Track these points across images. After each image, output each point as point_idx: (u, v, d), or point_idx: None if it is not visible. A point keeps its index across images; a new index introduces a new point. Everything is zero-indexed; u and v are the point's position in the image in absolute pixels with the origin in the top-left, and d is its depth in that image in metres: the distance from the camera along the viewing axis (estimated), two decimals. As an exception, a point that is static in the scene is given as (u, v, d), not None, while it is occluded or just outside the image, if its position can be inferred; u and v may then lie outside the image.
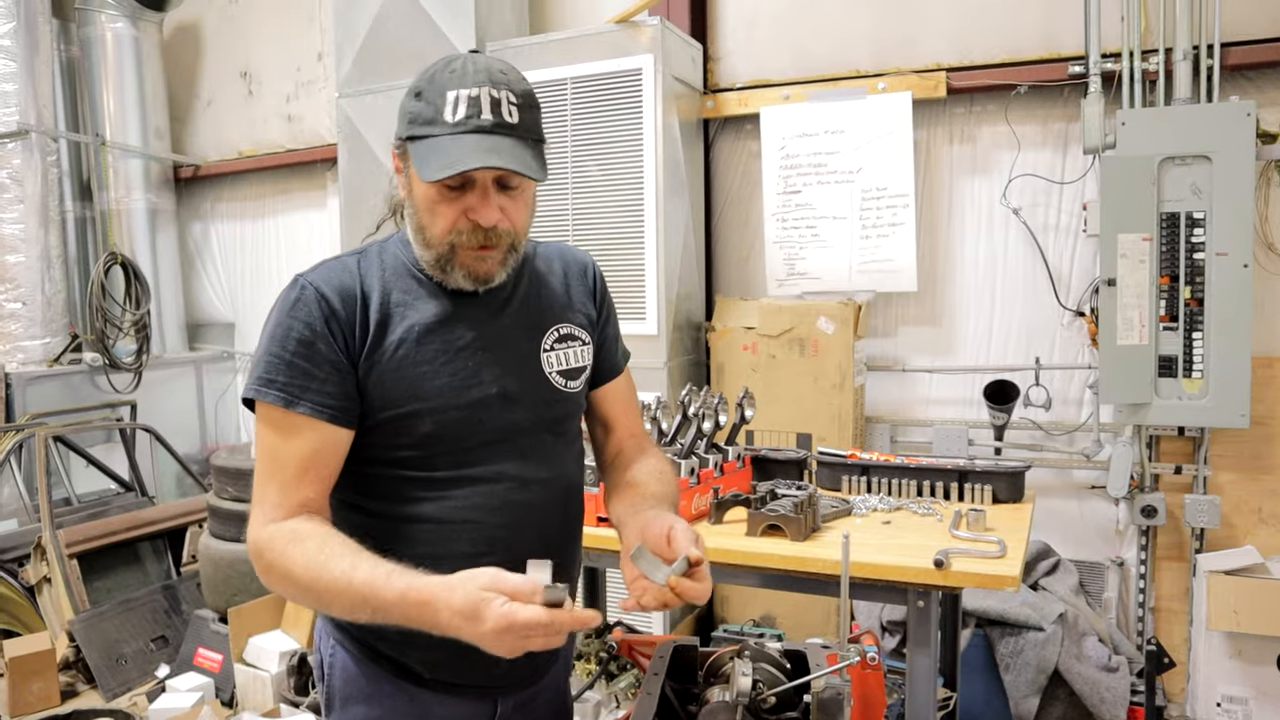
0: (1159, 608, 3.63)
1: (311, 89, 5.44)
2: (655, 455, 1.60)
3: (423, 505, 1.35)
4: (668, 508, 1.40)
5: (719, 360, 3.93)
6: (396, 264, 1.38)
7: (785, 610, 3.87)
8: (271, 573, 1.24)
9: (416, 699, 1.43)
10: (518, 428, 1.41)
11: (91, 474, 4.99)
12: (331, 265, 1.37)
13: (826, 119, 3.91)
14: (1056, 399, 3.69)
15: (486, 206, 1.28)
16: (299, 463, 1.28)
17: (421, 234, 1.34)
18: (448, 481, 1.35)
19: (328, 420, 1.29)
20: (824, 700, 1.38)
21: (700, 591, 1.19)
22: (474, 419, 1.36)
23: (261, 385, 1.28)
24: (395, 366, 1.32)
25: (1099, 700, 3.26)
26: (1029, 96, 3.66)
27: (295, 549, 1.20)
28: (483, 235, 1.30)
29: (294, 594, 1.24)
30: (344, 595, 1.16)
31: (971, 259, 3.88)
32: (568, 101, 3.81)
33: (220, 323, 6.08)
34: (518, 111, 1.27)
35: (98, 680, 3.89)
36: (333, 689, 1.47)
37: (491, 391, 1.37)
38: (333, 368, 1.30)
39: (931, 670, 2.00)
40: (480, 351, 1.38)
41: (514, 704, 1.50)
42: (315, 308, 1.30)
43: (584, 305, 1.55)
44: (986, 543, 2.06)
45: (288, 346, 1.28)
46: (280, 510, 1.27)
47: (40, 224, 5.13)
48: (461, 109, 1.24)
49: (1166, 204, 3.24)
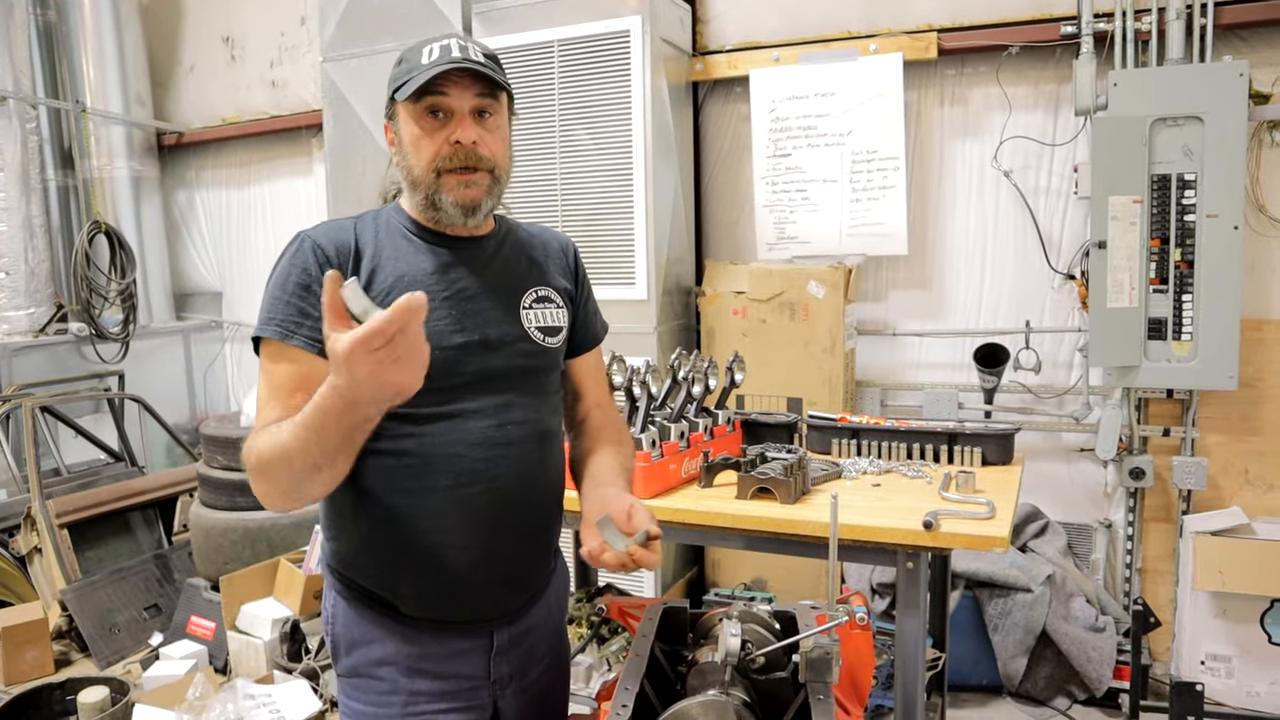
0: (1146, 568, 3.66)
1: (295, 54, 5.35)
2: (618, 427, 1.72)
3: (404, 441, 1.42)
4: (625, 482, 1.54)
5: (709, 325, 3.92)
6: (390, 226, 1.50)
7: (777, 574, 3.89)
8: (254, 471, 1.30)
9: (414, 639, 1.48)
10: (497, 372, 1.48)
11: (81, 444, 4.96)
12: (330, 224, 1.50)
13: (817, 81, 3.87)
14: (1046, 362, 3.70)
15: (465, 127, 1.41)
16: (289, 388, 1.37)
17: (410, 174, 1.45)
18: (429, 418, 1.42)
19: (318, 354, 1.35)
20: (813, 660, 1.39)
21: (653, 561, 1.33)
22: (456, 360, 1.43)
23: (263, 323, 1.40)
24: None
25: (1086, 660, 3.30)
26: (1020, 57, 3.63)
27: (262, 438, 1.29)
28: (464, 155, 1.42)
29: (271, 478, 1.28)
30: (294, 447, 1.22)
31: (962, 222, 3.87)
32: (554, 65, 3.76)
33: (207, 291, 6.03)
34: (485, 58, 1.44)
35: (91, 649, 3.90)
36: (336, 637, 1.53)
37: (474, 338, 1.46)
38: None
39: (920, 630, 2.01)
40: (464, 302, 1.47)
41: (509, 637, 1.54)
42: (312, 256, 1.42)
43: (562, 278, 1.65)
44: (975, 504, 2.06)
45: (287, 289, 1.40)
46: (268, 425, 1.34)
47: (21, 193, 5.06)
48: (435, 53, 1.41)
49: (1157, 166, 3.23)
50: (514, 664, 1.56)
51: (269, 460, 1.26)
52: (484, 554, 1.46)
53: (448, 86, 1.40)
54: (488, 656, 1.53)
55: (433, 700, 1.49)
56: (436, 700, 1.49)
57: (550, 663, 1.65)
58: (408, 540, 1.43)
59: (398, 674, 1.48)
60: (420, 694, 1.48)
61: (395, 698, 1.48)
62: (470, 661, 1.52)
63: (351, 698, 1.52)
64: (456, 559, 1.45)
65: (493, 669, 1.53)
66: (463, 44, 1.43)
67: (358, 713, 1.51)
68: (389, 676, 1.49)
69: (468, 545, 1.44)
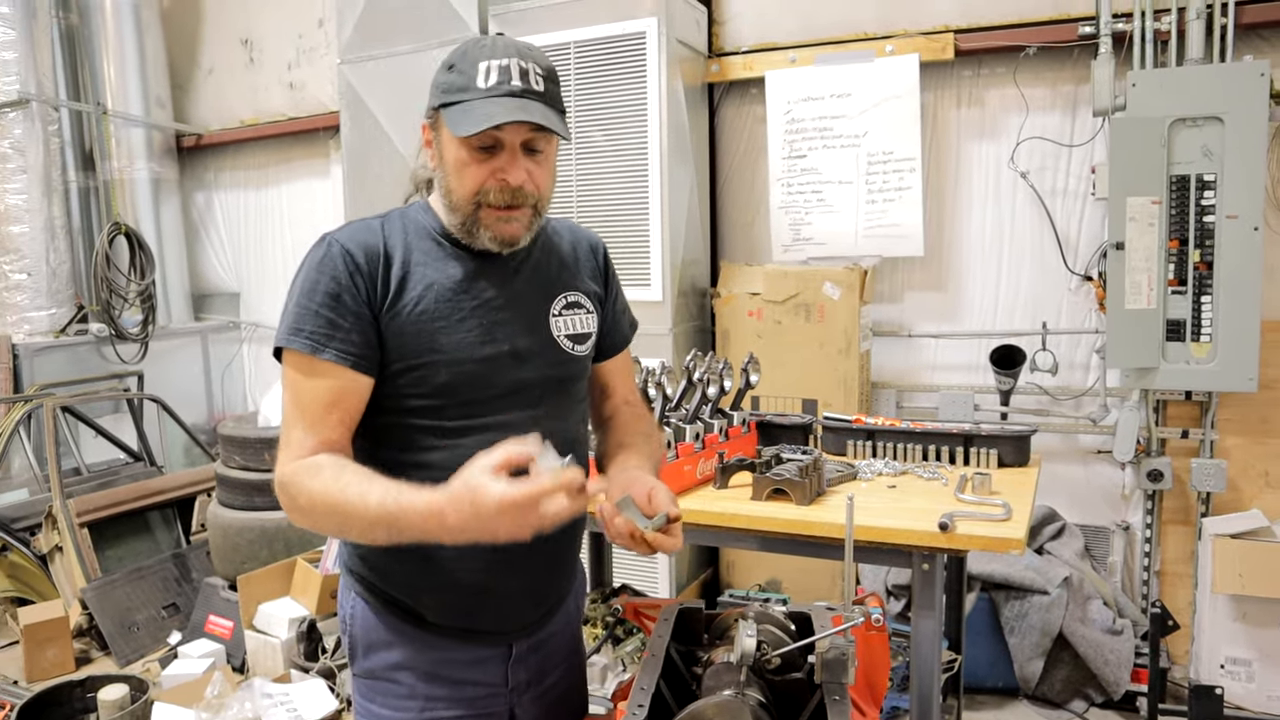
0: (1164, 571, 3.63)
1: (313, 56, 5.39)
2: (647, 420, 1.69)
3: (432, 453, 1.40)
4: (650, 469, 1.50)
5: (724, 326, 3.92)
6: (418, 228, 1.45)
7: (791, 575, 3.88)
8: (295, 507, 1.30)
9: (433, 644, 1.48)
10: (527, 384, 1.46)
11: (100, 444, 5.01)
12: (357, 225, 1.44)
13: (833, 82, 3.86)
14: (1063, 364, 3.68)
15: (515, 166, 1.35)
16: (323, 405, 1.34)
17: (449, 197, 1.40)
18: (457, 430, 1.40)
19: (350, 367, 1.34)
20: (828, 661, 1.39)
21: (673, 544, 1.33)
22: (487, 373, 1.41)
23: (290, 334, 1.35)
24: (414, 321, 1.38)
25: (1103, 663, 3.28)
26: (1038, 58, 3.61)
27: (315, 480, 1.27)
28: (509, 194, 1.36)
29: (316, 523, 1.30)
30: (361, 517, 1.22)
31: (979, 223, 3.85)
32: (571, 66, 3.77)
33: (225, 292, 6.08)
34: (544, 82, 1.35)
35: (111, 647, 3.93)
36: (354, 639, 1.53)
37: (504, 349, 1.43)
38: (356, 318, 1.36)
39: (936, 632, 2.00)
40: (495, 311, 1.44)
41: (528, 646, 1.55)
42: (341, 262, 1.36)
43: (592, 281, 1.61)
44: (991, 506, 2.05)
45: (315, 298, 1.35)
46: (304, 449, 1.33)
47: (43, 194, 5.11)
48: (494, 75, 1.32)
49: (1176, 166, 3.20)
50: (531, 671, 1.56)
51: (319, 510, 1.26)
52: (508, 569, 1.45)
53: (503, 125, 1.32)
54: (506, 664, 1.53)
55: (450, 706, 1.49)
56: (453, 706, 1.50)
57: (567, 667, 1.66)
58: (432, 552, 1.40)
59: (415, 679, 1.48)
60: (437, 700, 1.49)
61: (412, 702, 1.49)
62: (488, 669, 1.52)
63: (368, 698, 1.53)
64: (480, 572, 1.43)
65: (510, 676, 1.54)
66: (523, 67, 1.33)
67: (374, 714, 1.52)
68: (406, 681, 1.49)
69: (492, 560, 1.41)
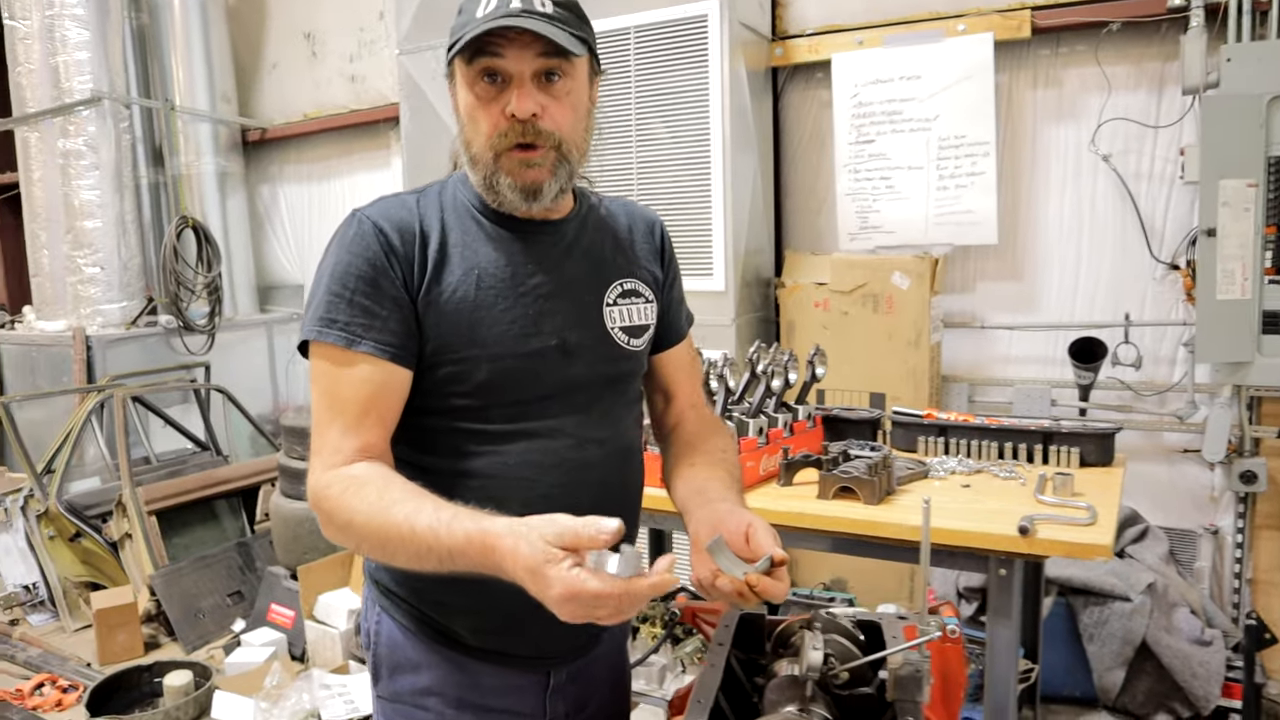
0: (1257, 579, 3.43)
1: (374, 48, 5.40)
2: (719, 432, 1.51)
3: (476, 460, 1.27)
4: (737, 496, 1.31)
5: (789, 317, 3.82)
6: (456, 204, 1.31)
7: (857, 574, 3.77)
8: (331, 522, 1.17)
9: (465, 668, 1.36)
10: (576, 383, 1.32)
11: (169, 434, 5.11)
12: (389, 201, 1.30)
13: (902, 64, 3.72)
14: (1147, 357, 3.49)
15: (523, 96, 1.19)
16: (360, 404, 1.20)
17: (469, 150, 1.26)
18: (502, 435, 1.27)
19: (389, 359, 1.21)
20: (901, 677, 1.29)
21: (779, 591, 1.11)
22: (531, 370, 1.28)
23: (323, 325, 1.21)
24: (453, 310, 1.25)
25: (1190, 675, 3.10)
26: (1121, 34, 3.42)
27: (355, 497, 1.13)
28: (521, 130, 1.20)
29: (355, 543, 1.17)
30: (407, 544, 1.08)
31: (1056, 209, 3.67)
32: (630, 52, 3.69)
33: (290, 284, 6.15)
34: (550, 3, 1.19)
35: (177, 633, 4.00)
36: (379, 658, 1.41)
37: (551, 343, 1.29)
38: (395, 305, 1.22)
39: (1012, 642, 1.89)
40: (541, 300, 1.29)
41: (568, 674, 1.42)
42: (374, 241, 1.23)
43: (650, 264, 1.46)
44: (1075, 509, 1.93)
45: (348, 284, 1.21)
46: (340, 455, 1.19)
47: (115, 190, 5.22)
48: (493, 2, 1.18)
49: (1276, 147, 3.01)
50: (570, 701, 1.43)
51: (359, 531, 1.12)
52: None
53: (504, 46, 1.17)
54: (544, 694, 1.40)
55: None
56: None
57: (611, 698, 1.52)
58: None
59: (444, 705, 1.36)
60: None
61: None
62: (525, 698, 1.39)
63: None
64: (521, 593, 1.23)
65: (549, 707, 1.41)
66: None
67: None
68: (434, 708, 1.36)
69: None
